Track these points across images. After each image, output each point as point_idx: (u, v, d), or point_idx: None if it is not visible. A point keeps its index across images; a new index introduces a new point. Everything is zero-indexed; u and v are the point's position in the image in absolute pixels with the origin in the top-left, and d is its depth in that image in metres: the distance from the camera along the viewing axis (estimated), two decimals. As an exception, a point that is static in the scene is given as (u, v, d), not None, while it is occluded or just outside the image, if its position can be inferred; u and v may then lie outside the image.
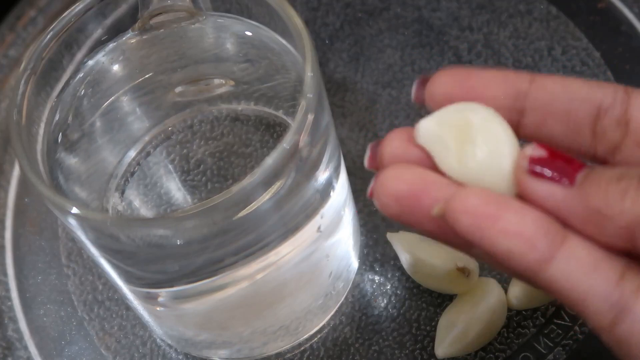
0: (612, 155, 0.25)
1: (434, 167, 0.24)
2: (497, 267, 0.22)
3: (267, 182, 0.24)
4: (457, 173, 0.23)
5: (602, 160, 0.25)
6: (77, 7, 0.29)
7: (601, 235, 0.22)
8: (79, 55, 0.30)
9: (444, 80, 0.25)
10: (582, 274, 0.21)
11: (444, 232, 0.23)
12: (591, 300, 0.21)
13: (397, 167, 0.23)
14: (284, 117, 0.32)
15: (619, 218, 0.21)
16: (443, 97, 0.25)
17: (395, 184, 0.23)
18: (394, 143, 0.25)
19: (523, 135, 0.25)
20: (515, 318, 0.33)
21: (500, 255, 0.21)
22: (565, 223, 0.22)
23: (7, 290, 0.37)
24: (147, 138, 0.33)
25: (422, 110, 0.40)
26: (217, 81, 0.33)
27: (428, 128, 0.24)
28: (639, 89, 0.25)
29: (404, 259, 0.33)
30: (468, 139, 0.23)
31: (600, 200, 0.21)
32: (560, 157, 0.23)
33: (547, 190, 0.22)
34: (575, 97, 0.24)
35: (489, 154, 0.23)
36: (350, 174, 0.32)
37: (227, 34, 0.32)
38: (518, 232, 0.21)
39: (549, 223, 0.22)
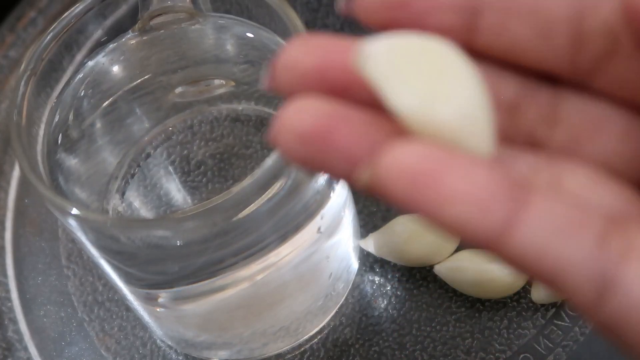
0: (594, 74, 0.19)
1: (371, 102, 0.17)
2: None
3: (267, 183, 0.24)
4: (418, 119, 0.17)
5: (581, 82, 0.20)
6: (77, 8, 0.29)
7: None
8: (79, 56, 0.30)
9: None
10: (554, 238, 0.17)
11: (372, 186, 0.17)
12: (568, 271, 0.17)
13: (303, 99, 0.18)
14: (284, 118, 0.32)
15: None
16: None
17: (300, 119, 0.17)
18: (299, 54, 0.18)
19: (477, 47, 0.19)
20: (515, 319, 0.33)
21: (448, 225, 0.16)
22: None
23: (7, 291, 0.37)
24: (147, 139, 0.33)
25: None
26: (217, 82, 0.33)
27: (379, 53, 0.17)
28: None
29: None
30: (437, 77, 0.17)
31: None
32: None
33: None
34: None
35: (467, 100, 0.17)
36: (350, 174, 0.32)
37: (228, 35, 0.32)
38: (468, 193, 0.16)
39: (509, 179, 0.17)
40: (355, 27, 0.42)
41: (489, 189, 0.16)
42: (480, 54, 0.19)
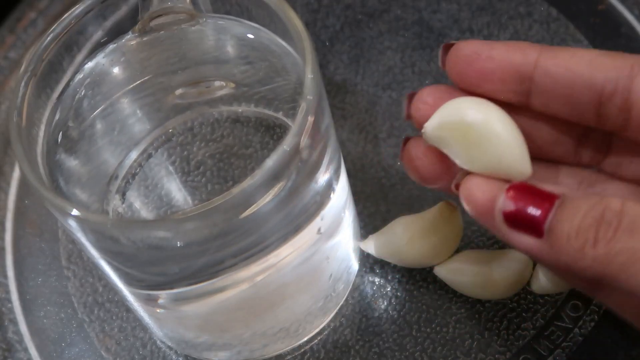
0: (619, 132, 0.26)
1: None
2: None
3: (267, 184, 0.24)
4: (470, 168, 0.26)
5: (611, 134, 0.27)
6: (77, 9, 0.29)
7: (573, 278, 0.25)
8: (79, 57, 0.30)
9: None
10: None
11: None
12: None
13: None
14: (284, 118, 0.32)
15: (583, 274, 0.23)
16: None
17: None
18: (425, 101, 0.28)
19: (533, 112, 0.27)
20: (515, 320, 0.33)
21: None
22: None
23: (8, 292, 0.37)
24: (147, 140, 0.33)
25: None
26: (217, 83, 0.33)
27: (432, 133, 0.27)
28: None
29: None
30: (470, 142, 0.26)
31: (567, 258, 0.23)
32: (529, 201, 0.24)
33: (524, 240, 0.24)
34: (576, 84, 0.25)
35: (492, 156, 0.26)
36: (350, 175, 0.32)
37: (228, 36, 0.32)
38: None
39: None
40: (356, 28, 0.42)
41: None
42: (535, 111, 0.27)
